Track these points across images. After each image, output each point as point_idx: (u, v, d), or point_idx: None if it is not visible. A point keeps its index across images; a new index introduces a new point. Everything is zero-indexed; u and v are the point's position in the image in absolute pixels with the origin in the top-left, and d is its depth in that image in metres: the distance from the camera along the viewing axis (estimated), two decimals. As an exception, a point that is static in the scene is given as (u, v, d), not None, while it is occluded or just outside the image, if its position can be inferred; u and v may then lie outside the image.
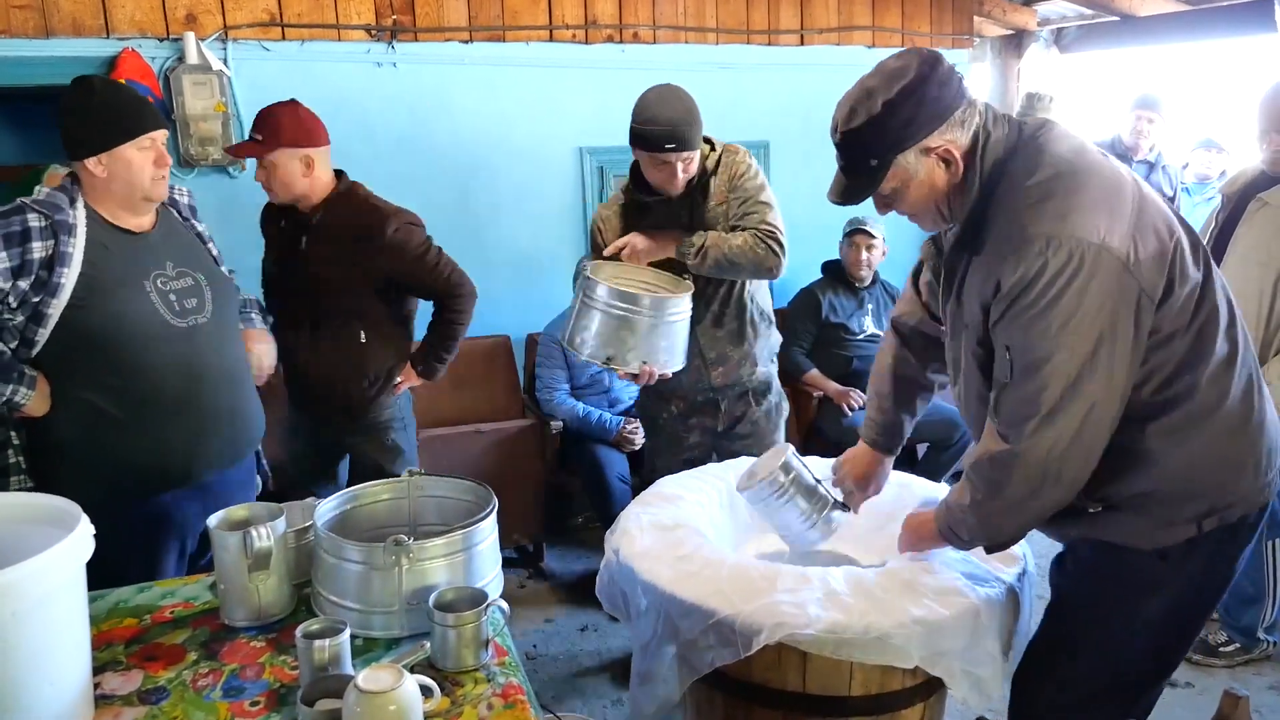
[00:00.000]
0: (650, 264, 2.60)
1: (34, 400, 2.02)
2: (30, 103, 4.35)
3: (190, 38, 3.51)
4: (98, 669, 1.52)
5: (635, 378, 2.47)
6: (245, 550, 1.64)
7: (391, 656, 1.56)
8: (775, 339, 2.88)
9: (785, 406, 2.93)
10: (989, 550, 1.80)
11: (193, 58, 3.52)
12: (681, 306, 2.48)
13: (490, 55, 4.04)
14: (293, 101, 2.77)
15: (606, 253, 2.57)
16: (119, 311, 2.04)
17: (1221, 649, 3.02)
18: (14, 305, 1.98)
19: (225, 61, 3.61)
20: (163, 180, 2.13)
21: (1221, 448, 1.62)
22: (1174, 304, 1.54)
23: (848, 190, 1.65)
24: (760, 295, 2.79)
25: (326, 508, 1.79)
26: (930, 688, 1.89)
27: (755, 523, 2.34)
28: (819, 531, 2.07)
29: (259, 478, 2.48)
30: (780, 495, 2.03)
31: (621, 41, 4.25)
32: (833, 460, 2.21)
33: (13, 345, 2.01)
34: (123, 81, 2.16)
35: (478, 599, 1.58)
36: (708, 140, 2.65)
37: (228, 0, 3.61)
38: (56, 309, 1.99)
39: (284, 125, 2.67)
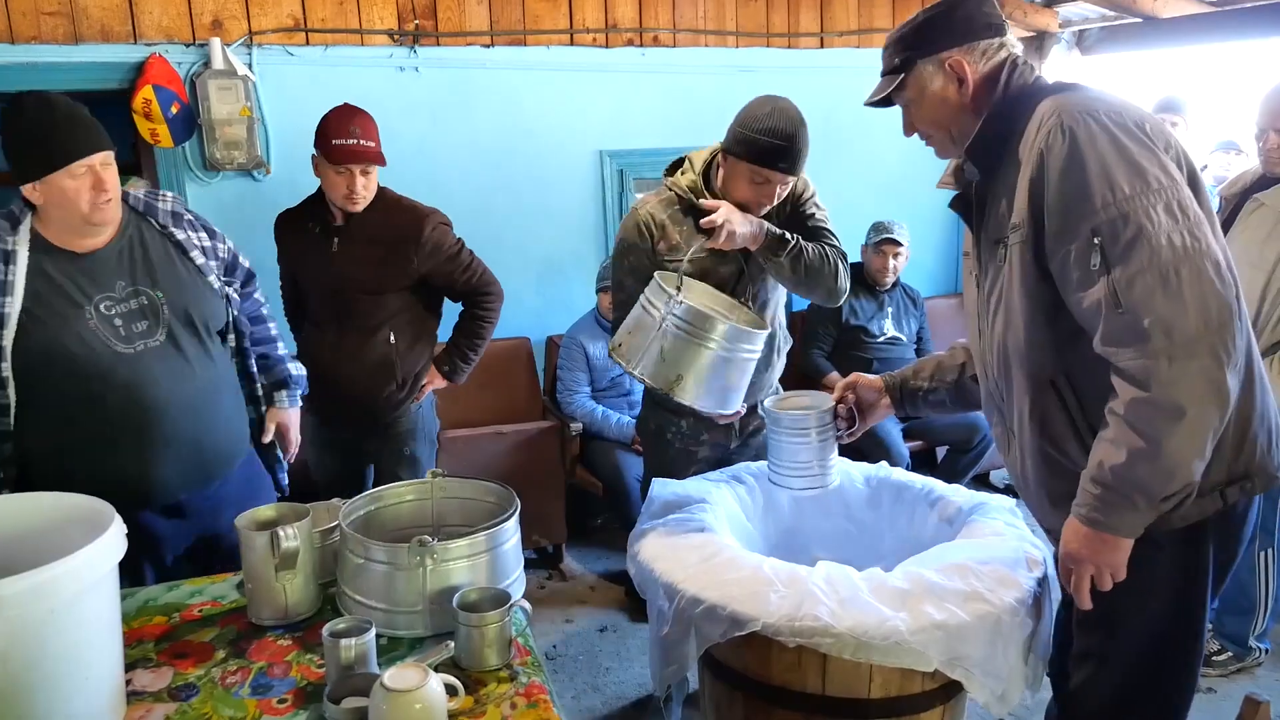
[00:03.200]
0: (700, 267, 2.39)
1: None
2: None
3: (216, 43, 3.56)
4: (129, 666, 1.55)
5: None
6: (272, 550, 1.67)
7: (416, 656, 1.58)
8: (788, 345, 2.78)
9: None
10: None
11: (218, 63, 3.57)
12: (757, 344, 2.22)
13: (511, 59, 4.06)
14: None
15: (703, 204, 2.33)
16: (56, 341, 1.95)
17: (1214, 658, 2.99)
18: None
19: (250, 66, 3.65)
20: (106, 205, 1.97)
21: (1243, 404, 1.57)
22: None
23: (875, 90, 1.78)
24: (781, 314, 2.68)
25: (351, 508, 1.82)
26: (950, 691, 1.89)
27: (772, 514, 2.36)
28: (815, 478, 2.15)
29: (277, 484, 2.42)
30: (802, 434, 2.11)
31: (642, 45, 4.26)
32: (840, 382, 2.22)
33: None
34: (62, 99, 1.96)
35: (501, 599, 1.59)
36: None
37: (253, 6, 3.65)
38: (8, 340, 1.93)
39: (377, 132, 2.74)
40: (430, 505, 1.93)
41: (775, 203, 2.38)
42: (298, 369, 2.48)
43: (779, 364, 2.66)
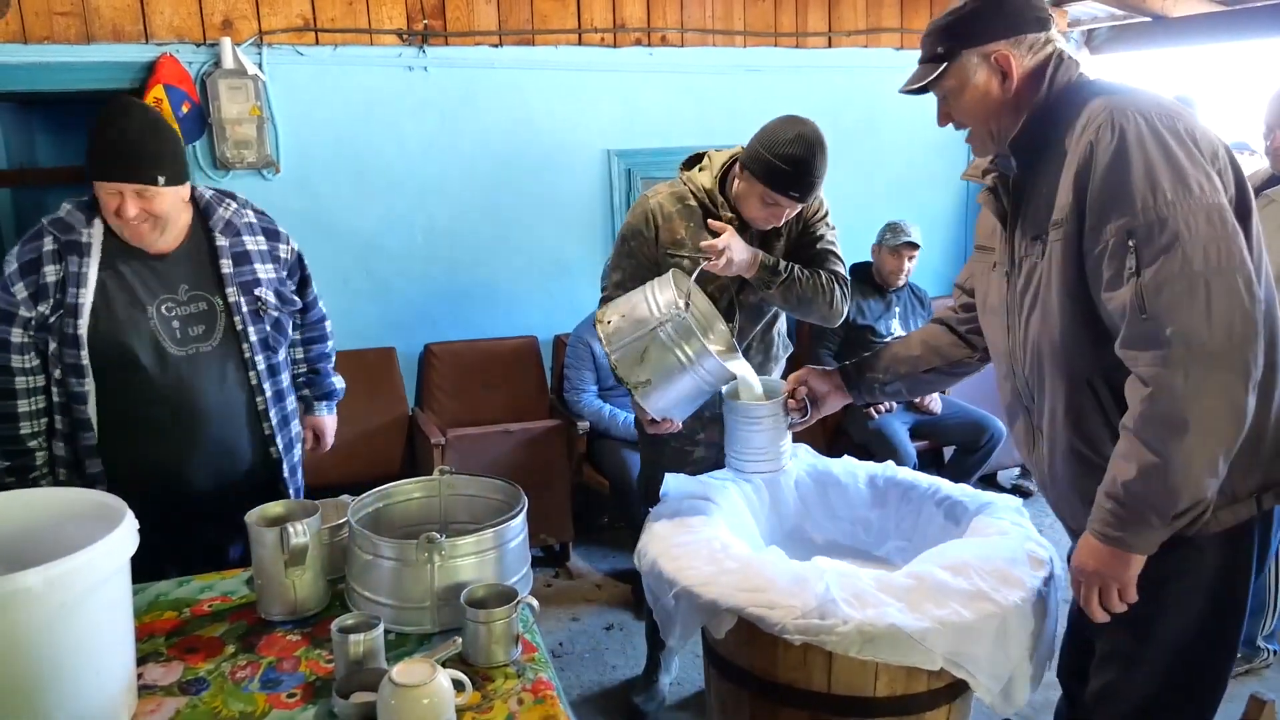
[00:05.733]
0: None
1: None
2: (72, 107, 4.44)
3: (226, 43, 3.58)
4: (140, 660, 1.56)
5: (655, 424, 2.28)
6: (282, 546, 1.68)
7: (424, 651, 1.59)
8: (787, 353, 2.77)
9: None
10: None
11: (229, 63, 3.59)
12: (724, 381, 2.19)
13: (519, 59, 4.08)
14: None
15: (704, 245, 2.29)
16: (119, 336, 2.04)
17: None
18: (35, 329, 2.03)
19: (260, 66, 3.67)
20: (133, 227, 2.01)
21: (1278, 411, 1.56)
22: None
23: (915, 77, 1.72)
24: (783, 322, 2.69)
25: (360, 505, 1.83)
26: (955, 690, 1.90)
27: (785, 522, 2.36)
28: (768, 463, 2.18)
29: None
30: (755, 422, 2.14)
31: (650, 45, 4.27)
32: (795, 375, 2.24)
33: (61, 377, 2.06)
34: (145, 119, 2.02)
35: (508, 596, 1.60)
36: None
37: (263, 6, 3.67)
38: (84, 329, 2.02)
39: None
40: (438, 502, 1.94)
41: (782, 223, 2.40)
42: (341, 382, 2.59)
43: (774, 369, 2.66)
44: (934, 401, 4.16)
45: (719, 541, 2.03)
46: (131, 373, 2.06)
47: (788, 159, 2.24)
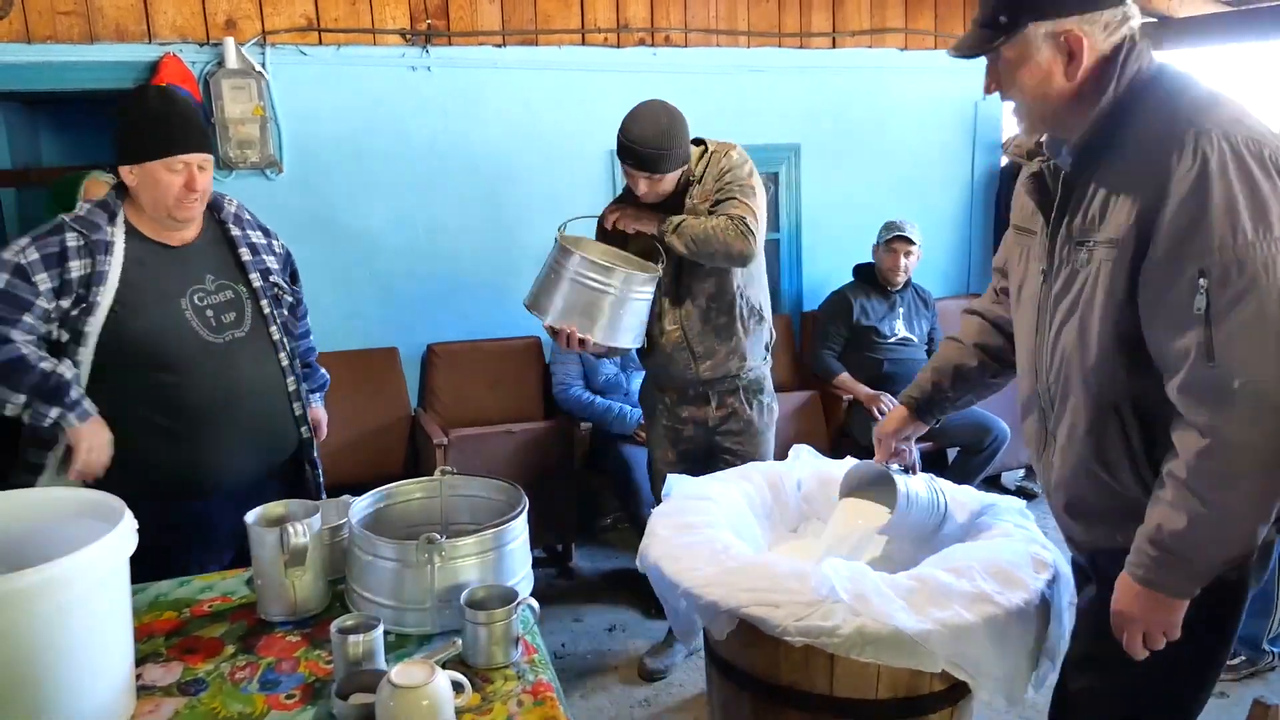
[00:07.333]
0: (632, 248, 2.77)
1: (80, 429, 1.97)
2: (75, 106, 4.46)
3: (230, 43, 3.58)
4: (139, 660, 1.55)
5: (556, 335, 2.59)
6: (282, 546, 1.68)
7: (424, 652, 1.58)
8: (767, 335, 2.91)
9: (775, 408, 2.98)
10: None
11: (232, 62, 3.59)
12: (648, 286, 2.60)
13: (523, 59, 4.07)
14: None
15: (605, 221, 2.75)
16: (153, 329, 2.05)
17: (1227, 663, 2.95)
18: (49, 321, 2.00)
19: (264, 66, 3.67)
20: (192, 204, 2.08)
21: None
22: None
23: (967, 40, 1.55)
24: (752, 290, 2.81)
25: (360, 505, 1.82)
26: (958, 692, 1.89)
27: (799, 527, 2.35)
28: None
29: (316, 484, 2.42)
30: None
31: (653, 45, 4.26)
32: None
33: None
34: (181, 96, 2.10)
35: (508, 597, 1.60)
36: (700, 142, 2.75)
37: (266, 5, 3.67)
38: (94, 327, 2.01)
39: None
40: (439, 503, 1.94)
41: (657, 195, 2.66)
42: (326, 373, 2.63)
43: (746, 337, 2.81)
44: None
45: (720, 542, 2.02)
46: (166, 365, 2.06)
47: (625, 132, 2.59)
